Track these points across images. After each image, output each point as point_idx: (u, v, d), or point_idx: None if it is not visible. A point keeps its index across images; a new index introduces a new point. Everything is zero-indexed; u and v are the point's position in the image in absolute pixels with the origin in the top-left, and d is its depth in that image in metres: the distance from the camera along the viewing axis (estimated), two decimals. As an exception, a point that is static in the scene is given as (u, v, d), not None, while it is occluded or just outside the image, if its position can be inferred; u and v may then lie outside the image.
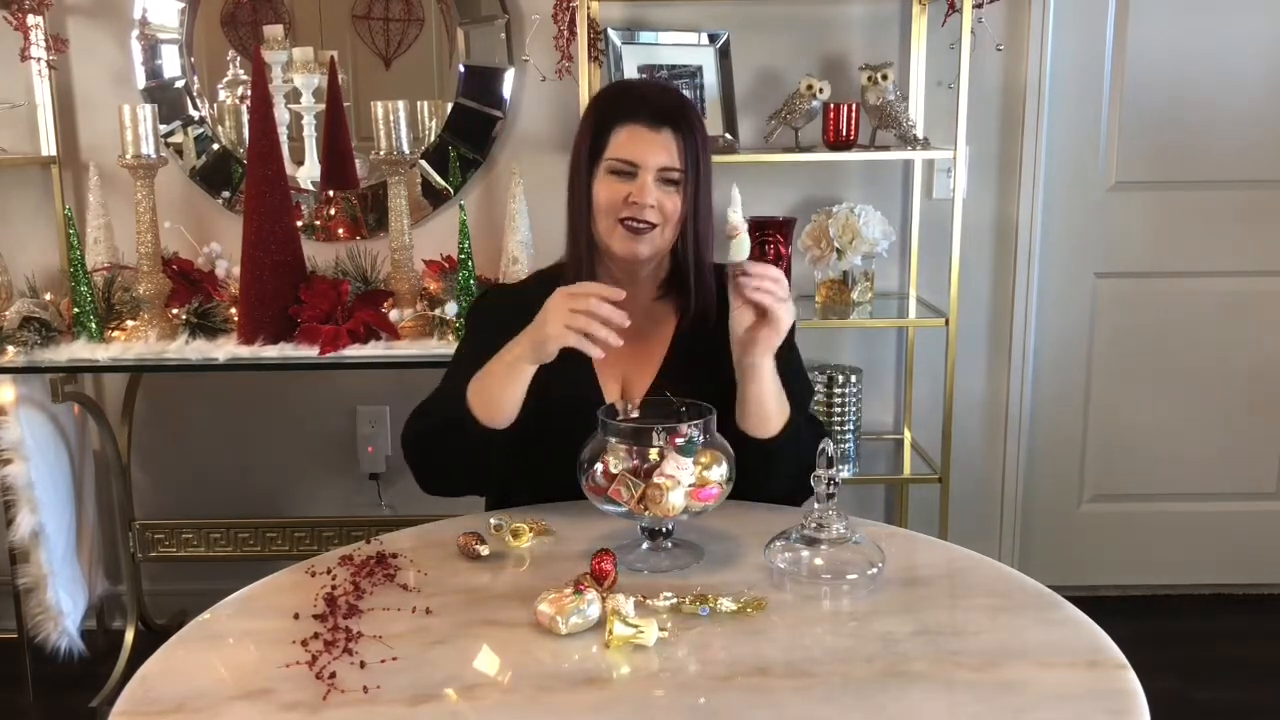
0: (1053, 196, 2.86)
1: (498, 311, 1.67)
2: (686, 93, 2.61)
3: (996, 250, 2.87)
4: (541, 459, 1.56)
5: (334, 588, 1.32)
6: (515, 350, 1.49)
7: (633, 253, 1.57)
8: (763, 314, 1.48)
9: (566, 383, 1.54)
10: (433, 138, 2.73)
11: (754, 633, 1.20)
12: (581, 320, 1.41)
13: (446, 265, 2.50)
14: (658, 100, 1.59)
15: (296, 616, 1.25)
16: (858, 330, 2.84)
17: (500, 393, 1.49)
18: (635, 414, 1.45)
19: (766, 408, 1.53)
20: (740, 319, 1.50)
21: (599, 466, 1.36)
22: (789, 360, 1.62)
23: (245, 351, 2.28)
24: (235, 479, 2.93)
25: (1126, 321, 2.95)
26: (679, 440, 1.34)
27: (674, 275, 1.66)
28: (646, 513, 1.34)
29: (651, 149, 1.55)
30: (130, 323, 2.36)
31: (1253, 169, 2.86)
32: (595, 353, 1.43)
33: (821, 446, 1.34)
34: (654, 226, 1.56)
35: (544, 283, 1.66)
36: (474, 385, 1.51)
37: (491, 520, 1.49)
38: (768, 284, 1.47)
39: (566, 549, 1.43)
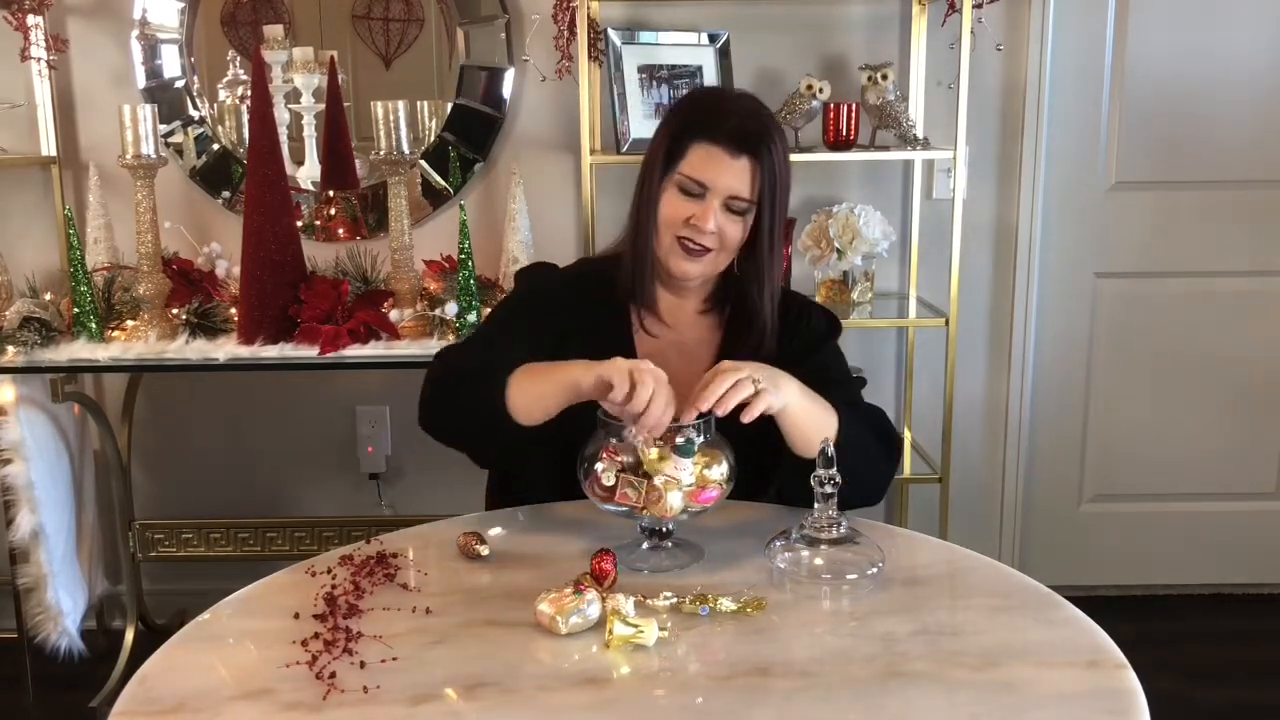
0: (1053, 196, 2.86)
1: (548, 285, 1.66)
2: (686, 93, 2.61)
3: (996, 250, 2.87)
4: (569, 460, 1.47)
5: (334, 588, 1.32)
6: (575, 371, 1.41)
7: (685, 273, 1.57)
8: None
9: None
10: (433, 138, 2.73)
11: (754, 633, 1.20)
12: (641, 379, 1.32)
13: (446, 265, 2.50)
14: (743, 124, 1.53)
15: (296, 616, 1.25)
16: (858, 330, 2.84)
17: (538, 400, 1.44)
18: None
19: (807, 435, 1.45)
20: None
21: (600, 465, 1.36)
22: (822, 364, 1.61)
23: (245, 351, 2.28)
24: (235, 479, 2.93)
25: (1126, 321, 2.95)
26: (679, 440, 1.34)
27: (721, 289, 1.64)
28: (646, 513, 1.34)
29: (725, 175, 1.51)
30: (130, 323, 2.36)
31: (1253, 169, 2.86)
32: (619, 397, 1.33)
33: (821, 447, 1.34)
34: (709, 250, 1.54)
35: (593, 269, 1.68)
36: (521, 377, 1.45)
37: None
38: (717, 398, 1.36)
39: (567, 549, 1.42)
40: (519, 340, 1.57)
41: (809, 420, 1.45)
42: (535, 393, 1.44)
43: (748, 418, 1.37)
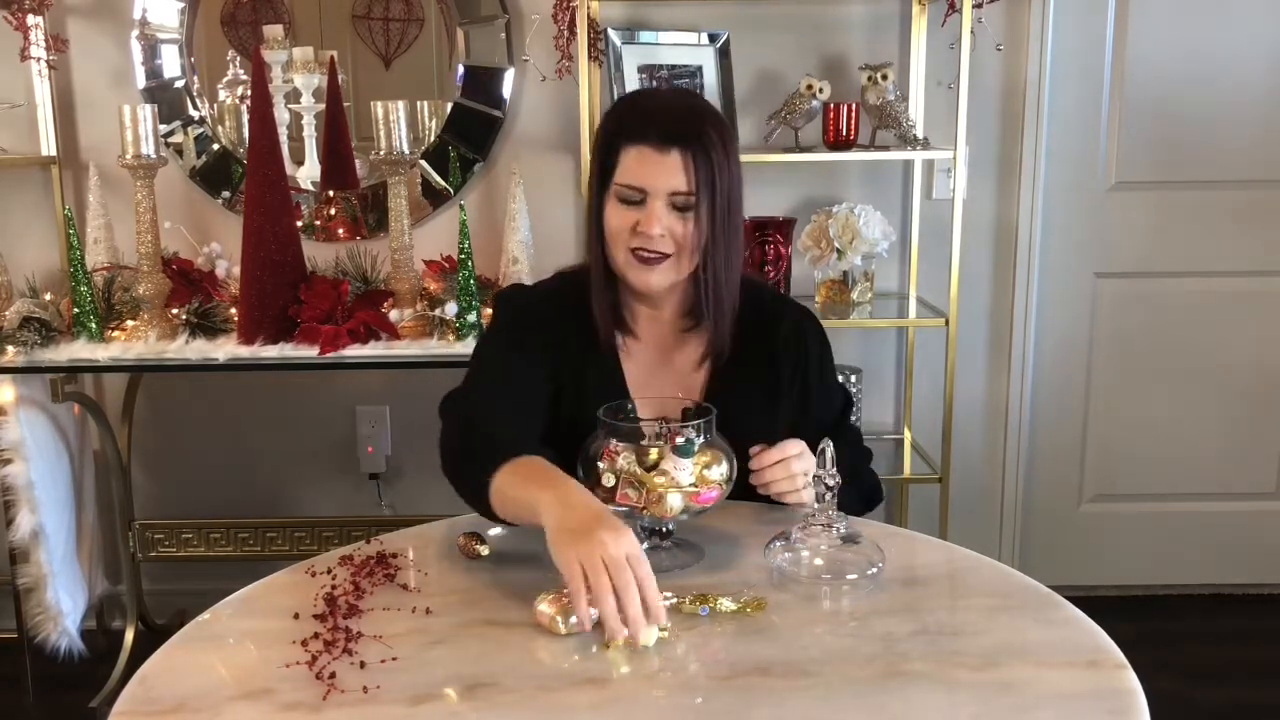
0: (1053, 196, 2.86)
1: (525, 314, 1.61)
2: (686, 93, 2.61)
3: (996, 250, 2.87)
4: (572, 462, 1.44)
5: (334, 588, 1.32)
6: (543, 502, 1.26)
7: (646, 284, 1.49)
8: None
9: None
10: (433, 138, 2.73)
11: (754, 633, 1.20)
12: (597, 580, 1.15)
13: (446, 265, 2.50)
14: (666, 117, 1.46)
15: (296, 616, 1.25)
16: (858, 330, 2.84)
17: (512, 512, 1.35)
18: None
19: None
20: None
21: (600, 466, 1.35)
22: (826, 393, 1.61)
23: (245, 351, 2.28)
24: (235, 479, 2.93)
25: (1126, 321, 2.95)
26: (678, 440, 1.33)
27: (699, 296, 1.56)
28: (646, 513, 1.34)
29: (659, 173, 1.44)
30: (130, 323, 2.36)
31: (1253, 169, 2.86)
32: (576, 608, 1.17)
33: (821, 447, 1.33)
34: (667, 256, 1.48)
35: (569, 283, 1.61)
36: (502, 482, 1.35)
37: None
38: (773, 479, 1.44)
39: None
40: (516, 380, 1.53)
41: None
42: (512, 509, 1.35)
43: (777, 498, 1.46)
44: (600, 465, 1.35)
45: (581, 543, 1.17)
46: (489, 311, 1.91)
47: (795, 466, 1.44)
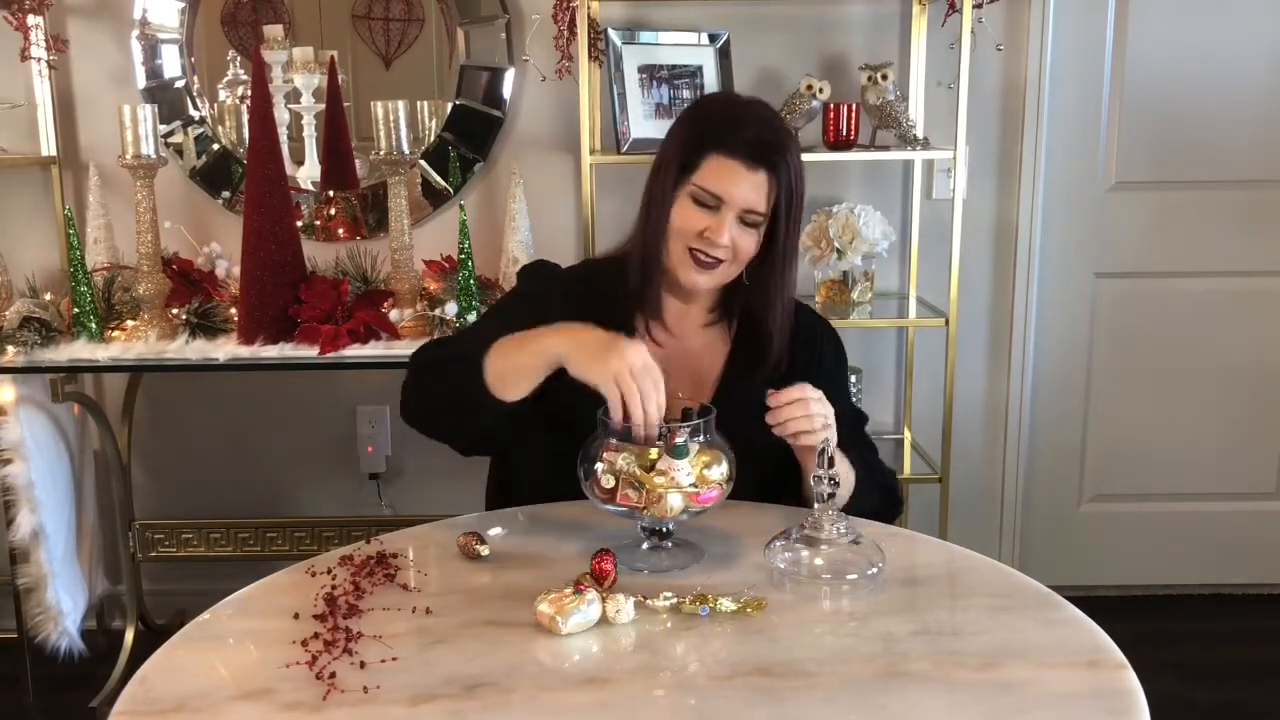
0: (1053, 196, 2.86)
1: (550, 286, 1.64)
2: (686, 93, 2.61)
3: (996, 250, 2.87)
4: (568, 464, 1.46)
5: (334, 588, 1.32)
6: (552, 341, 1.40)
7: (695, 284, 1.54)
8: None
9: None
10: (433, 138, 2.73)
11: (754, 633, 1.20)
12: (630, 388, 1.32)
13: (446, 265, 2.50)
14: (761, 137, 1.49)
15: (296, 616, 1.25)
16: (858, 330, 2.84)
17: (516, 373, 1.42)
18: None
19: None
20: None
21: (600, 466, 1.36)
22: (836, 397, 1.59)
23: (245, 351, 2.28)
24: (235, 479, 2.93)
25: (1126, 321, 2.95)
26: (676, 441, 1.33)
27: (728, 298, 1.62)
28: (646, 513, 1.34)
29: (741, 188, 1.48)
30: (130, 323, 2.36)
31: (1253, 169, 2.86)
32: (615, 415, 1.34)
33: (822, 447, 1.33)
34: (721, 263, 1.52)
35: (596, 270, 1.65)
36: (499, 347, 1.44)
37: None
38: (789, 418, 1.43)
39: (567, 549, 1.42)
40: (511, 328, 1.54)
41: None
42: (507, 365, 1.42)
43: (793, 439, 1.44)
44: (599, 466, 1.35)
45: (612, 358, 1.33)
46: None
47: (814, 408, 1.44)
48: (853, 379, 2.68)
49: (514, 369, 1.42)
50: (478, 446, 1.63)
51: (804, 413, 1.43)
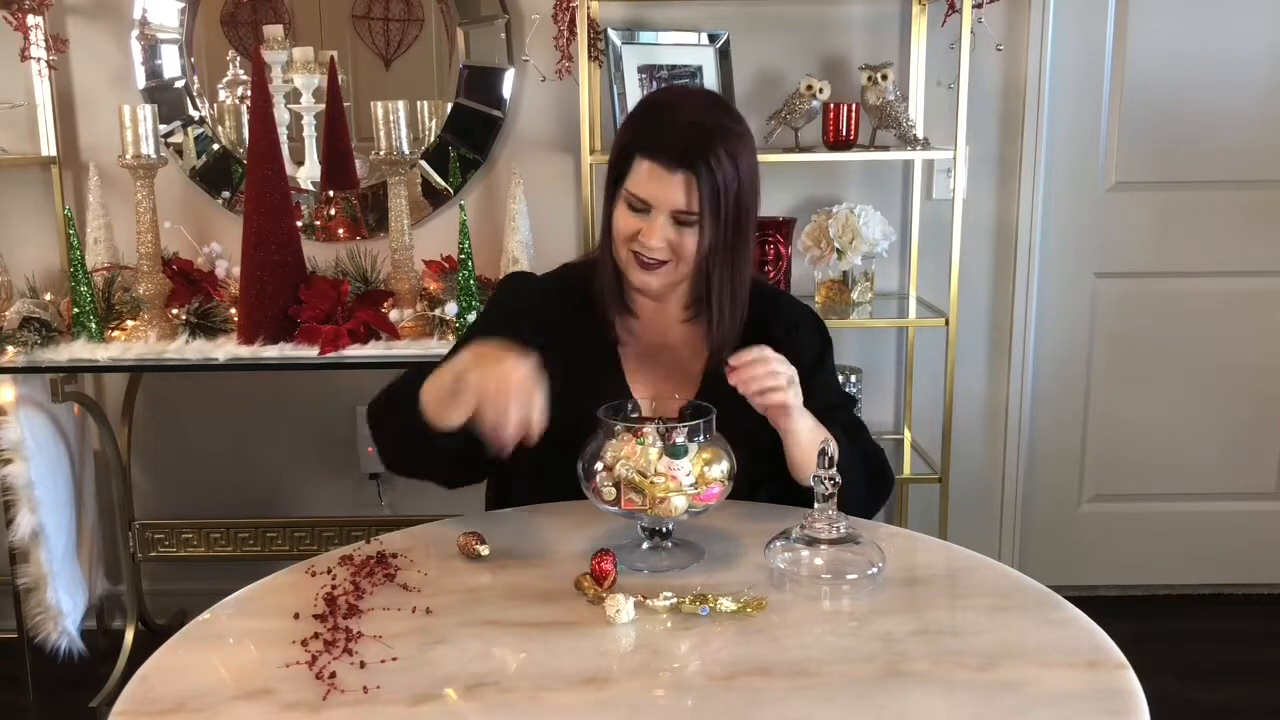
0: (1053, 196, 2.86)
1: (523, 298, 1.64)
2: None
3: (996, 250, 2.87)
4: (562, 468, 1.45)
5: (334, 588, 1.32)
6: (459, 360, 1.39)
7: (644, 284, 1.54)
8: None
9: (599, 398, 1.44)
10: (433, 138, 2.73)
11: (754, 633, 1.20)
12: (491, 397, 1.32)
13: (446, 265, 2.50)
14: (681, 137, 1.47)
15: (296, 616, 1.25)
16: (858, 330, 2.84)
17: (439, 399, 1.39)
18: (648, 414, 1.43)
19: (808, 459, 1.46)
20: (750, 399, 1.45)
21: (599, 465, 1.35)
22: (823, 385, 1.60)
23: (245, 351, 2.28)
24: (235, 479, 2.93)
25: (1126, 321, 2.95)
26: (675, 440, 1.33)
27: (702, 298, 1.60)
28: (649, 512, 1.34)
29: (665, 191, 1.47)
30: (130, 323, 2.36)
31: (1253, 169, 2.86)
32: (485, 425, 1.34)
33: (821, 447, 1.33)
34: (665, 262, 1.51)
35: (574, 273, 1.65)
36: (432, 375, 1.43)
37: None
38: (751, 376, 1.42)
39: (567, 549, 1.42)
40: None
41: (813, 447, 1.43)
42: (435, 388, 1.40)
43: (760, 398, 1.43)
44: (599, 465, 1.35)
45: (490, 369, 1.34)
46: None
47: (776, 366, 1.44)
48: (853, 379, 2.69)
49: (437, 393, 1.40)
50: (460, 479, 1.61)
51: (766, 369, 1.43)
